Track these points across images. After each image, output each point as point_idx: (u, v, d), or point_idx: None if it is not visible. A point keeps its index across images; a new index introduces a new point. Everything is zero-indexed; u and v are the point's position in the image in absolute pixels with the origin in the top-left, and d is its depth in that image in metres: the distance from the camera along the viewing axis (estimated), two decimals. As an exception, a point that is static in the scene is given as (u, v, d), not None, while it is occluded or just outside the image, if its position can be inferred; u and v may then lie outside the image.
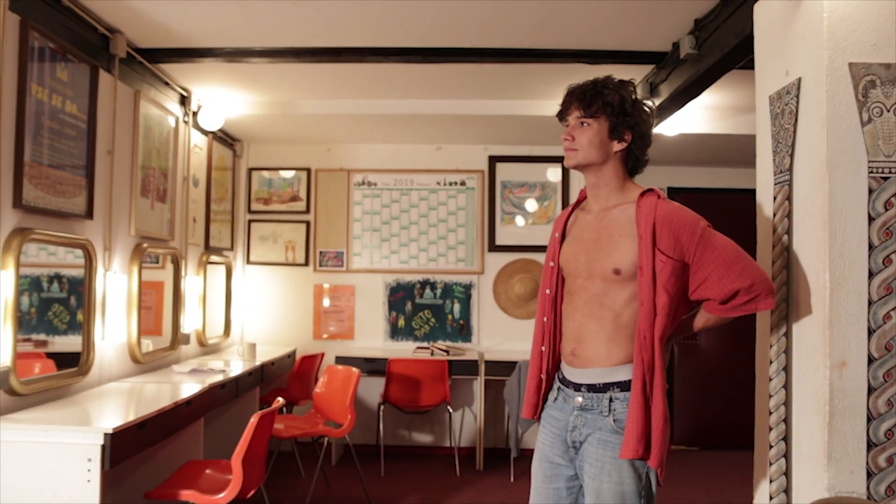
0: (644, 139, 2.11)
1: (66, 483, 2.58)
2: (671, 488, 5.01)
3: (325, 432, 4.37)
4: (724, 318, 2.08)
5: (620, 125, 2.05)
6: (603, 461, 2.01)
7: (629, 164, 2.13)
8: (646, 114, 2.10)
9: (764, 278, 1.98)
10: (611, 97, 2.03)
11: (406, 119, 5.15)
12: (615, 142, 2.08)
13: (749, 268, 1.97)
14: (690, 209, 2.05)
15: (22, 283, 3.06)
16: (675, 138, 5.11)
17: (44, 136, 3.10)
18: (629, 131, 2.07)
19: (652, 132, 2.14)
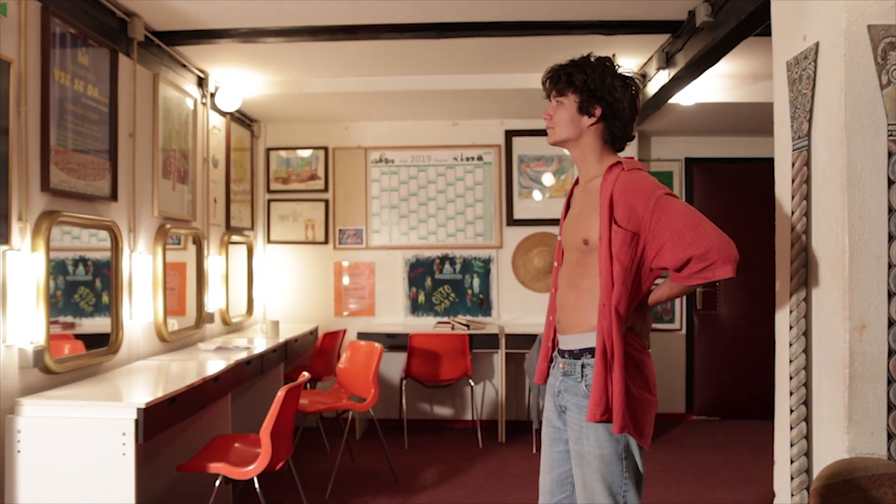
0: (615, 113, 2.12)
1: (103, 457, 2.66)
2: (692, 458, 5.06)
3: (350, 406, 4.44)
4: (687, 287, 2.05)
5: (588, 101, 2.11)
6: (581, 426, 2.09)
7: (607, 137, 2.16)
8: (618, 89, 2.11)
9: (721, 246, 1.93)
10: (576, 75, 2.10)
11: (422, 95, 5.16)
12: (585, 117, 2.13)
13: (704, 235, 1.94)
14: (654, 179, 2.06)
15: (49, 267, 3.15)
16: (692, 108, 5.09)
17: (68, 121, 3.15)
18: (598, 106, 2.11)
19: (629, 105, 2.13)
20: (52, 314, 3.17)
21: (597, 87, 2.09)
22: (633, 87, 2.15)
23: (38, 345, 2.87)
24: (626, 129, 2.16)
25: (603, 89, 2.09)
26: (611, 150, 2.19)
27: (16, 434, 2.68)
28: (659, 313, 6.22)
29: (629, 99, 2.13)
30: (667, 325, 6.22)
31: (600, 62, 2.14)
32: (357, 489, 4.37)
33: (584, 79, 2.10)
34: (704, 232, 1.94)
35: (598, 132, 2.14)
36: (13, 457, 2.68)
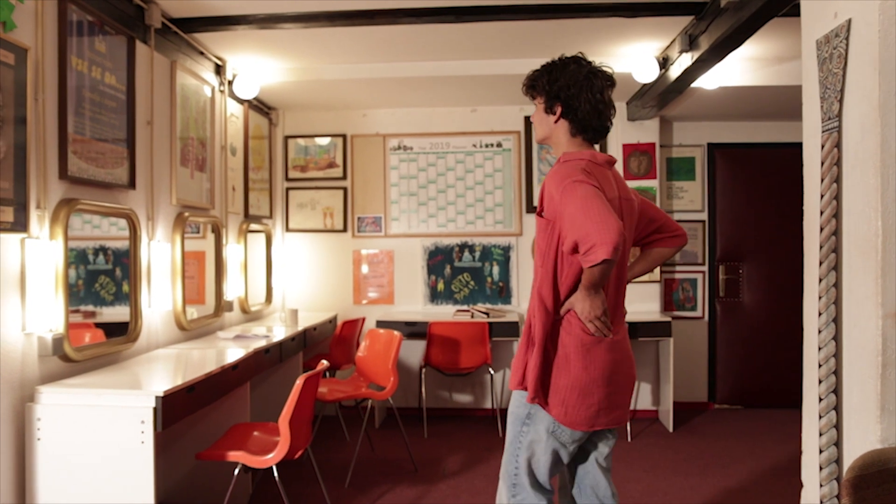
0: (573, 108, 2.22)
1: (122, 444, 2.65)
2: (715, 447, 5.00)
3: (369, 395, 4.42)
4: (590, 272, 2.05)
5: (550, 101, 2.25)
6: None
7: (573, 131, 2.26)
8: (575, 85, 2.21)
9: (599, 229, 1.93)
10: (538, 80, 2.28)
11: (440, 81, 5.10)
12: (550, 116, 2.26)
13: (588, 220, 1.96)
14: (576, 168, 2.12)
15: (69, 256, 3.12)
16: (715, 92, 4.99)
17: (85, 108, 3.14)
18: (558, 104, 2.23)
19: (590, 98, 2.21)
20: (73, 303, 3.19)
21: (553, 87, 2.23)
22: (597, 82, 2.23)
23: (58, 333, 2.87)
24: (590, 122, 2.24)
25: (559, 88, 2.22)
26: (581, 143, 2.28)
27: (35, 422, 2.68)
28: (681, 301, 6.15)
29: (590, 93, 2.21)
30: (689, 313, 6.14)
31: (559, 63, 2.27)
32: (376, 478, 4.36)
33: (544, 81, 2.26)
34: (588, 217, 1.96)
35: (564, 128, 2.26)
36: (33, 444, 2.68)
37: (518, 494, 2.30)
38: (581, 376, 2.18)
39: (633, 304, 5.77)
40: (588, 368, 2.18)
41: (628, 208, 2.27)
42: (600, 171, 2.19)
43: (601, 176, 2.16)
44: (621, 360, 2.27)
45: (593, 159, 2.19)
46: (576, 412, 2.19)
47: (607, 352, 2.21)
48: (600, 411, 2.21)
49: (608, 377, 2.21)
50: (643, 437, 5.25)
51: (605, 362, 2.20)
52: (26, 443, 2.69)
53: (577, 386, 2.18)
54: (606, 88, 2.25)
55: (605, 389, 2.21)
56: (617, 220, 1.93)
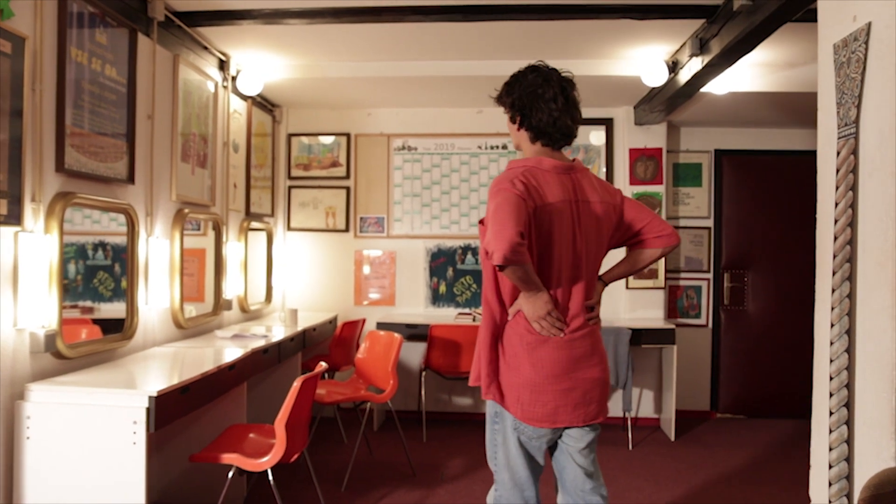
0: (528, 117, 2.29)
1: (113, 445, 2.59)
2: (717, 457, 4.93)
3: (368, 397, 4.36)
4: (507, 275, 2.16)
5: (510, 111, 2.35)
6: None
7: (533, 138, 2.32)
8: (528, 94, 2.28)
9: (495, 236, 2.01)
10: (498, 93, 2.40)
11: (446, 81, 5.04)
12: (514, 125, 2.35)
13: (491, 228, 2.05)
14: (511, 175, 2.20)
15: (68, 251, 3.10)
16: (724, 97, 4.92)
17: (84, 101, 3.09)
18: (517, 114, 2.32)
19: (539, 107, 2.27)
20: (72, 298, 3.16)
21: (510, 99, 2.33)
22: (549, 90, 2.28)
23: (51, 329, 2.81)
24: (545, 129, 2.28)
25: (514, 100, 2.32)
26: (542, 149, 2.33)
27: (25, 420, 2.62)
28: (685, 308, 6.08)
29: (542, 102, 2.27)
30: (693, 321, 6.07)
31: (518, 74, 2.36)
32: (374, 482, 4.29)
33: (504, 93, 2.36)
34: (492, 225, 2.05)
35: (525, 136, 2.34)
36: (22, 443, 2.62)
37: (498, 490, 2.38)
38: (531, 375, 2.24)
39: (636, 311, 5.71)
40: (536, 367, 2.24)
41: (587, 210, 2.29)
42: (545, 176, 2.24)
43: (544, 181, 2.22)
44: (580, 358, 2.28)
45: (538, 165, 2.25)
46: (532, 409, 2.25)
47: (557, 350, 2.24)
48: (558, 408, 2.25)
49: (561, 375, 2.25)
50: (645, 446, 5.18)
51: (555, 360, 2.24)
52: (15, 441, 2.63)
53: (527, 384, 2.25)
54: (560, 95, 2.29)
55: (558, 387, 2.24)
56: (512, 228, 1.99)
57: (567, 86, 2.32)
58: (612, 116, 5.83)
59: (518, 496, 2.34)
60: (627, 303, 5.77)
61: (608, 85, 5.05)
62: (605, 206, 2.33)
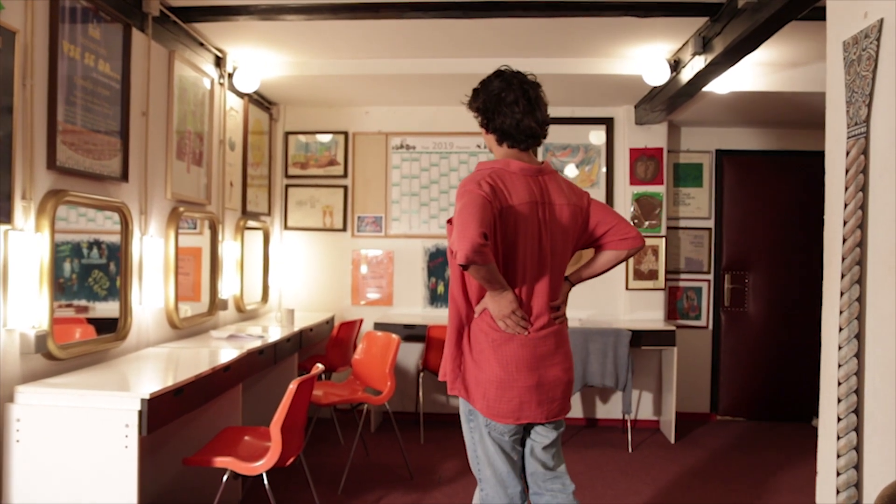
0: (492, 121, 2.37)
1: (104, 448, 2.53)
2: (717, 460, 4.88)
3: (365, 399, 4.30)
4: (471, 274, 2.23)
5: (479, 117, 2.43)
6: None
7: (500, 140, 2.39)
8: (490, 100, 2.36)
9: (460, 237, 2.07)
10: (470, 103, 2.46)
11: (445, 79, 4.98)
12: (484, 130, 2.44)
13: (456, 227, 2.12)
14: (477, 177, 2.26)
15: (63, 249, 3.07)
16: (726, 97, 4.87)
17: (77, 96, 3.03)
18: (482, 118, 2.41)
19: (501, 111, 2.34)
20: (67, 297, 3.12)
21: (475, 105, 2.42)
22: (510, 94, 2.34)
23: (41, 329, 2.75)
24: (510, 131, 2.35)
25: (479, 106, 2.40)
26: (510, 150, 2.39)
27: (14, 423, 2.56)
28: (685, 310, 6.03)
29: (504, 105, 2.34)
30: (693, 322, 6.03)
31: (484, 81, 2.44)
32: (371, 484, 4.24)
33: (471, 101, 2.45)
34: (457, 226, 2.12)
35: (492, 139, 2.42)
36: (11, 446, 2.56)
37: (484, 489, 2.42)
38: (496, 371, 2.30)
39: (635, 312, 5.66)
40: (502, 363, 2.30)
41: (553, 212, 2.35)
42: (512, 178, 2.30)
43: (510, 183, 2.28)
44: (544, 356, 2.35)
45: (506, 167, 2.32)
46: (497, 405, 2.31)
47: (522, 347, 2.31)
48: (523, 404, 2.31)
49: (526, 372, 2.31)
50: (644, 449, 5.13)
51: (520, 358, 2.31)
52: (4, 445, 2.57)
53: (493, 381, 2.31)
54: (522, 98, 2.34)
55: (523, 383, 2.30)
56: (475, 229, 2.05)
57: (529, 88, 2.37)
58: (612, 116, 5.78)
59: (502, 492, 2.38)
60: (627, 304, 5.72)
61: (609, 84, 5.00)
62: (571, 209, 2.39)
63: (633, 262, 5.72)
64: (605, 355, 4.96)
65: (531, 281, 2.33)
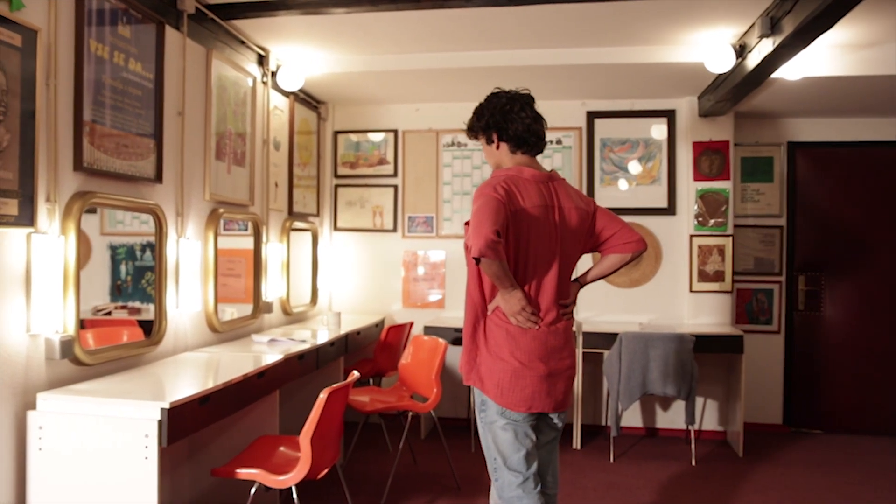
0: (505, 129, 2.52)
1: (124, 460, 2.43)
2: (790, 476, 4.53)
3: (410, 407, 4.14)
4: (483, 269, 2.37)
5: (486, 134, 2.59)
6: None
7: (513, 149, 2.55)
8: (499, 112, 2.53)
9: (474, 233, 2.22)
10: (468, 127, 2.66)
11: (495, 73, 4.76)
12: (492, 145, 2.59)
13: (472, 225, 2.26)
14: (493, 182, 2.40)
15: (119, 252, 3.16)
16: (798, 83, 4.52)
17: (105, 96, 2.95)
18: (493, 132, 2.55)
19: (512, 118, 2.51)
20: (124, 299, 3.18)
21: (483, 122, 2.57)
22: (516, 104, 2.53)
23: (66, 335, 2.67)
24: (523, 136, 2.52)
25: (489, 119, 2.55)
26: (521, 157, 2.55)
27: (36, 430, 2.49)
28: (755, 313, 5.66)
29: (513, 114, 2.51)
30: (762, 327, 5.65)
31: (483, 103, 2.62)
32: (415, 494, 4.08)
33: (475, 121, 2.61)
34: (473, 224, 2.26)
35: (505, 150, 2.56)
36: (34, 454, 2.48)
37: (499, 479, 2.50)
38: (511, 362, 2.44)
39: (699, 317, 5.35)
40: (516, 354, 2.44)
41: (562, 216, 2.48)
42: (525, 184, 2.44)
43: (523, 188, 2.42)
44: (556, 349, 2.49)
45: (519, 174, 2.46)
46: (511, 394, 2.43)
47: (534, 340, 2.45)
48: (535, 394, 2.44)
49: (538, 362, 2.45)
50: (709, 462, 4.81)
51: (533, 349, 2.45)
52: (28, 452, 2.50)
53: (508, 370, 2.44)
54: (528, 106, 2.55)
55: (537, 374, 2.44)
56: (489, 227, 2.21)
57: (529, 101, 2.57)
58: (674, 108, 5.46)
59: (513, 477, 2.45)
60: (691, 307, 5.40)
61: (669, 73, 4.70)
62: (579, 213, 2.53)
63: (697, 263, 5.39)
64: (667, 362, 4.66)
65: (541, 278, 2.47)
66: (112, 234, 3.23)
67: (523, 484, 2.45)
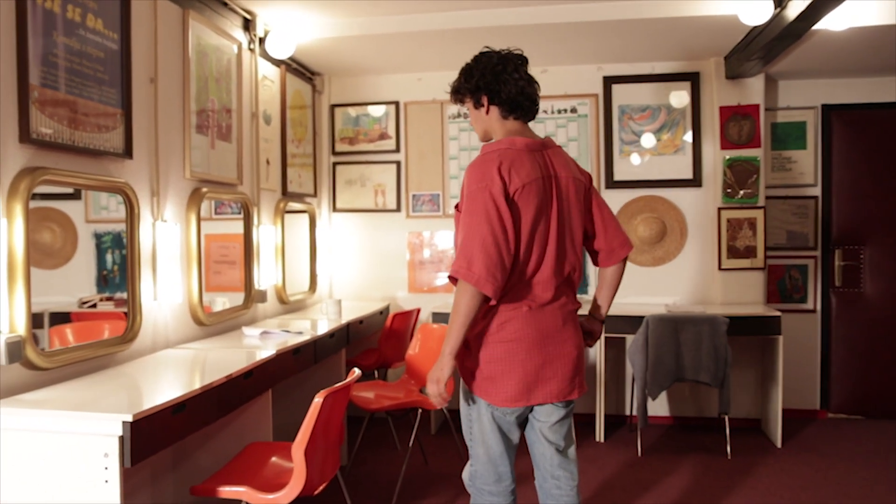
0: (496, 91, 2.31)
1: (79, 484, 2.05)
2: (829, 465, 4.14)
3: (420, 403, 3.76)
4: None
5: (474, 96, 2.37)
6: None
7: (504, 114, 2.35)
8: (490, 72, 2.30)
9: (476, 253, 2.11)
10: (453, 89, 2.44)
11: (503, 33, 4.33)
12: (481, 109, 2.38)
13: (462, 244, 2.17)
14: (483, 169, 2.20)
15: (105, 240, 2.90)
16: (841, 36, 4.08)
17: (58, 56, 2.54)
18: (483, 94, 2.34)
19: (505, 79, 2.30)
20: (111, 290, 2.89)
21: (472, 83, 2.35)
22: (509, 64, 2.32)
23: (13, 335, 2.27)
24: (517, 99, 2.32)
25: (478, 80, 2.33)
26: (514, 124, 2.35)
27: (-19, 450, 2.11)
28: (788, 291, 5.25)
29: (506, 74, 2.30)
30: (797, 305, 5.24)
31: (472, 62, 2.39)
32: (427, 496, 3.71)
33: (463, 83, 2.39)
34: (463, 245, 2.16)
35: (495, 114, 2.36)
36: (-22, 478, 2.11)
37: (474, 465, 2.40)
38: (499, 352, 2.26)
39: (729, 296, 4.96)
40: (505, 342, 2.26)
41: (559, 185, 2.30)
42: (519, 155, 2.25)
43: (518, 161, 2.23)
44: (553, 332, 2.29)
45: (511, 146, 2.28)
46: (503, 389, 2.26)
47: (526, 325, 2.25)
48: (529, 384, 2.26)
49: (533, 351, 2.26)
50: (746, 454, 4.41)
51: (524, 337, 2.25)
52: (-29, 475, 2.12)
53: (497, 363, 2.27)
54: (522, 67, 2.35)
55: (530, 364, 2.25)
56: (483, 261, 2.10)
57: (523, 61, 2.36)
58: (698, 70, 5.02)
59: (492, 471, 2.35)
60: (720, 286, 4.99)
61: (694, 30, 4.27)
62: (576, 183, 2.36)
63: (726, 238, 4.98)
64: (699, 347, 4.27)
65: (539, 255, 2.27)
66: (97, 221, 2.93)
67: (498, 482, 2.36)
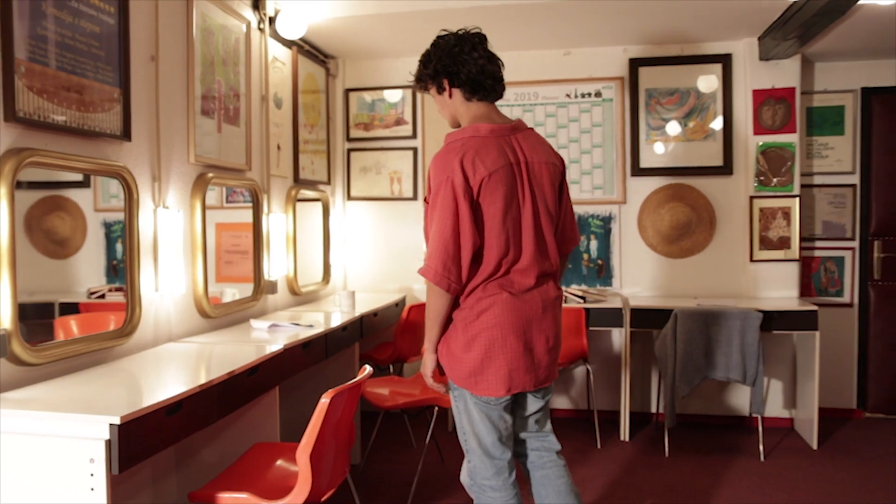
0: (456, 73, 2.27)
1: (64, 492, 1.88)
2: (867, 467, 3.90)
3: (435, 400, 3.57)
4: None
5: (435, 82, 2.33)
6: None
7: (467, 96, 2.31)
8: (447, 55, 2.27)
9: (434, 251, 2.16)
10: (415, 78, 2.41)
11: (525, 14, 4.13)
12: (444, 94, 2.34)
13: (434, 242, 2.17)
14: (446, 160, 2.17)
15: (114, 229, 2.77)
16: (885, 13, 3.83)
17: (47, 29, 2.37)
18: (443, 78, 2.30)
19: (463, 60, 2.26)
20: (119, 280, 2.77)
21: (431, 68, 2.32)
22: (466, 44, 2.27)
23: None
24: (478, 79, 2.28)
25: (436, 64, 2.30)
26: (479, 106, 2.32)
27: (-43, 453, 1.95)
28: (823, 284, 5.00)
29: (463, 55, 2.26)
30: (833, 299, 4.99)
31: (430, 48, 2.35)
32: (444, 497, 3.52)
33: (422, 70, 2.36)
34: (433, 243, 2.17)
35: (459, 97, 2.32)
36: (-45, 484, 1.95)
37: (471, 460, 2.35)
38: (482, 340, 2.22)
39: (761, 289, 4.71)
40: (487, 329, 2.22)
41: (529, 171, 2.25)
42: (484, 143, 2.20)
43: (483, 150, 2.18)
44: (533, 319, 2.26)
45: (476, 133, 2.23)
46: (486, 377, 2.23)
47: (506, 311, 2.22)
48: (512, 373, 2.23)
49: (513, 338, 2.22)
50: (780, 456, 4.18)
51: (505, 323, 2.22)
52: (-50, 480, 1.96)
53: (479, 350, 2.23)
54: (479, 45, 2.29)
55: (512, 351, 2.22)
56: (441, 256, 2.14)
57: (481, 39, 2.31)
58: (729, 52, 4.77)
59: (489, 463, 2.31)
60: (752, 279, 4.75)
61: (727, 7, 4.02)
62: (550, 168, 2.31)
63: (758, 229, 4.74)
64: (731, 343, 4.04)
65: (516, 243, 2.24)
66: (106, 209, 2.79)
67: (497, 474, 2.30)
